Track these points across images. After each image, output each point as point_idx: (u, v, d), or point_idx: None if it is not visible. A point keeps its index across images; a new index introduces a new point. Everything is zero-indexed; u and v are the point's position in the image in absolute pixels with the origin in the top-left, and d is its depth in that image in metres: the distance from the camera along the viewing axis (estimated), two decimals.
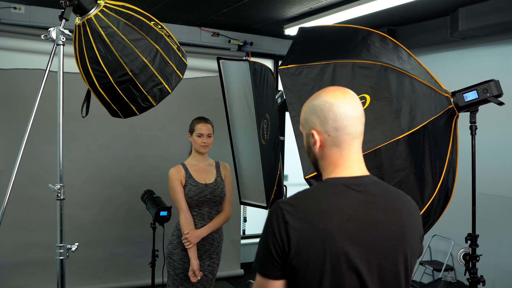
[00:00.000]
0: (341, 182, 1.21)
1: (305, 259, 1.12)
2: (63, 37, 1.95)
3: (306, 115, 1.27)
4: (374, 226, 1.18)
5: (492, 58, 4.02)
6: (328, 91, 1.25)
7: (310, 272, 1.12)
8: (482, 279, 2.49)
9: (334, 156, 1.23)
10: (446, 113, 2.05)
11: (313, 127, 1.24)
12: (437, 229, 4.23)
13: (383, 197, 1.23)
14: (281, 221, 1.14)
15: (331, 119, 1.21)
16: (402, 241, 1.22)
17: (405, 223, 1.23)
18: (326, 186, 1.22)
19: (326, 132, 1.22)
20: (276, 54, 5.39)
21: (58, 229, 1.94)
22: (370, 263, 1.16)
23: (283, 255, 1.13)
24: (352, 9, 3.68)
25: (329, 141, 1.22)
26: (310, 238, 1.12)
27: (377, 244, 1.17)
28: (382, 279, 1.18)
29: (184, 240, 2.83)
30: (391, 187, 1.31)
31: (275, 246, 1.14)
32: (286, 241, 1.13)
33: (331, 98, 1.22)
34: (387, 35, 2.17)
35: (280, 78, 2.02)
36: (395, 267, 1.20)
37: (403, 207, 1.26)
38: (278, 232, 1.13)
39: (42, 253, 4.04)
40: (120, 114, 2.24)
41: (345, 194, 1.19)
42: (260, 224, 5.51)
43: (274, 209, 1.17)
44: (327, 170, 1.25)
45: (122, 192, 4.46)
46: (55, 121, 1.96)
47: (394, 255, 1.20)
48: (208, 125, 2.97)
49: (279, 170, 3.77)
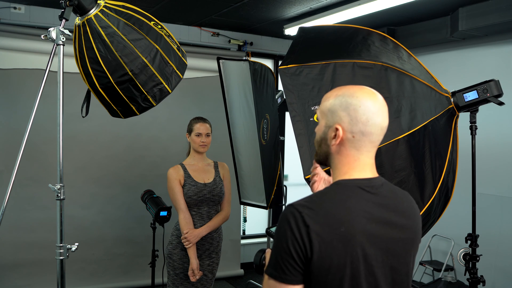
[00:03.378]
0: (356, 184, 1.20)
1: (327, 263, 1.10)
2: (63, 37, 1.95)
3: (335, 108, 1.22)
4: (388, 228, 1.18)
5: (492, 58, 4.02)
6: (366, 94, 1.21)
7: (331, 276, 1.11)
8: (482, 279, 2.49)
9: (351, 158, 1.22)
10: (446, 113, 2.05)
11: (340, 122, 1.20)
12: (437, 229, 4.23)
13: (393, 198, 1.24)
14: (302, 225, 1.10)
15: (362, 123, 1.18)
16: (411, 241, 1.23)
17: (413, 223, 1.25)
18: (341, 188, 1.20)
19: (351, 132, 1.19)
20: (276, 54, 5.39)
21: (58, 229, 1.94)
22: (384, 265, 1.16)
23: (305, 260, 1.11)
24: (352, 9, 3.68)
25: (350, 142, 1.20)
26: (333, 242, 1.10)
27: (391, 246, 1.18)
28: (394, 280, 1.19)
29: (183, 240, 2.83)
30: (398, 188, 1.31)
31: (296, 250, 1.10)
32: (308, 245, 1.09)
33: (368, 102, 1.19)
34: (387, 35, 2.17)
35: (280, 78, 2.02)
36: (406, 268, 1.21)
37: (411, 208, 1.27)
38: (300, 236, 1.10)
39: (42, 253, 4.04)
40: (120, 114, 2.24)
41: (361, 196, 1.18)
42: (260, 224, 5.52)
43: (291, 212, 1.13)
44: (340, 171, 1.23)
45: (122, 192, 4.46)
46: (55, 121, 1.96)
47: (405, 256, 1.21)
48: (206, 125, 2.98)
49: (279, 170, 3.77)
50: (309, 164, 1.85)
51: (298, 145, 1.89)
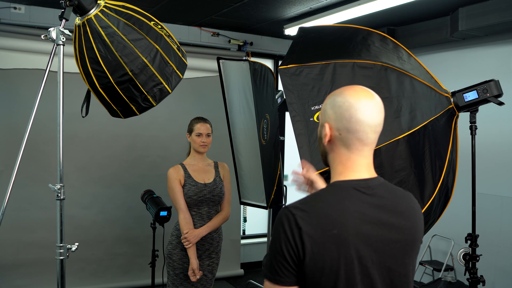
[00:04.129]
0: (351, 185, 1.19)
1: (320, 265, 1.11)
2: (63, 37, 1.95)
3: (326, 107, 1.25)
4: (384, 229, 1.17)
5: (492, 58, 4.02)
6: (353, 91, 1.21)
7: (324, 278, 1.11)
8: (482, 279, 2.49)
9: (343, 156, 1.22)
10: (446, 113, 2.05)
11: (328, 120, 1.23)
12: (437, 229, 4.24)
13: (391, 199, 1.23)
14: (294, 226, 1.11)
15: (345, 119, 1.19)
16: (410, 242, 1.22)
17: (412, 224, 1.24)
18: (336, 189, 1.20)
19: (337, 129, 1.20)
20: (276, 54, 5.39)
21: (58, 229, 1.94)
22: (381, 267, 1.16)
23: (298, 261, 1.11)
24: (352, 9, 3.68)
25: (339, 139, 1.21)
26: (325, 244, 1.10)
27: (387, 247, 1.17)
28: (392, 282, 1.18)
29: (183, 240, 2.83)
30: (398, 188, 1.30)
31: (289, 252, 1.11)
32: (300, 247, 1.10)
33: (352, 98, 1.19)
34: (387, 35, 2.17)
35: (280, 78, 2.02)
36: (405, 269, 1.20)
37: (410, 208, 1.26)
38: (292, 238, 1.11)
39: (42, 253, 4.04)
40: (120, 114, 2.24)
41: (356, 197, 1.18)
42: (260, 224, 5.52)
43: (285, 214, 1.14)
44: (336, 170, 1.23)
45: (122, 192, 4.46)
46: (55, 121, 1.96)
47: (403, 257, 1.20)
48: (207, 125, 2.98)
49: (279, 170, 3.77)
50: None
51: (298, 145, 1.89)
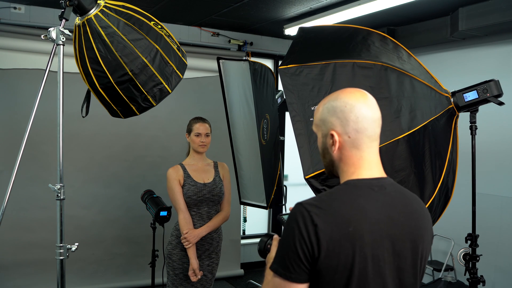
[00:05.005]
0: (364, 184, 1.20)
1: (335, 263, 1.10)
2: (63, 37, 1.95)
3: (324, 116, 1.24)
4: (396, 228, 1.18)
5: (492, 58, 4.02)
6: (348, 93, 1.23)
7: (338, 276, 1.11)
8: (482, 279, 2.49)
9: (354, 158, 1.22)
10: (446, 113, 2.05)
11: (333, 128, 1.22)
12: (437, 229, 4.23)
13: (401, 198, 1.23)
14: (310, 223, 1.10)
15: (352, 121, 1.19)
16: (420, 242, 1.22)
17: (422, 224, 1.24)
18: (350, 188, 1.20)
19: (346, 133, 1.20)
20: (276, 54, 5.39)
21: (58, 229, 1.94)
22: (391, 266, 1.16)
23: (312, 259, 1.11)
24: (352, 9, 3.68)
25: (348, 142, 1.21)
26: (340, 241, 1.10)
27: (398, 246, 1.17)
28: (401, 281, 1.18)
29: (183, 240, 2.83)
30: (405, 189, 1.30)
31: (303, 249, 1.10)
32: (316, 244, 1.10)
33: (352, 99, 1.21)
34: (387, 35, 2.17)
35: (280, 78, 2.02)
36: (414, 269, 1.21)
37: (420, 209, 1.26)
38: (307, 235, 1.10)
39: (42, 253, 4.04)
40: (120, 114, 2.24)
41: (370, 196, 1.18)
42: (260, 224, 5.52)
43: (300, 211, 1.13)
44: (347, 172, 1.23)
45: (122, 192, 4.46)
46: (55, 121, 1.96)
47: (413, 256, 1.20)
48: (206, 125, 2.98)
49: (279, 170, 3.77)
50: (309, 164, 1.85)
51: (298, 145, 1.89)
